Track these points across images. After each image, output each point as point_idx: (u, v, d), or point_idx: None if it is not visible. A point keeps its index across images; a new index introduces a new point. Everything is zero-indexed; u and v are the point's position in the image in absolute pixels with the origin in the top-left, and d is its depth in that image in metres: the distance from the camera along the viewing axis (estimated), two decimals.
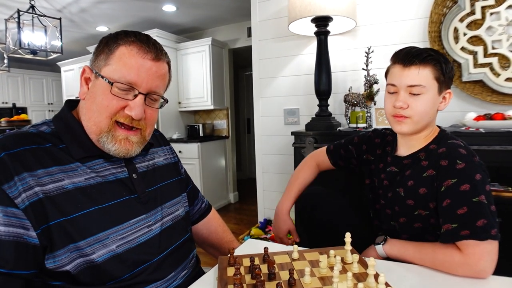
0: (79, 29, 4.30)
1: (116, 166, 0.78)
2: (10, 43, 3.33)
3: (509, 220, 1.49)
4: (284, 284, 0.72)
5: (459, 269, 0.79)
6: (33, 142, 0.68)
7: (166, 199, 0.88)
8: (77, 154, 0.72)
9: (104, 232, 0.70)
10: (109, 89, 0.71)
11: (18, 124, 4.25)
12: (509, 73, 1.82)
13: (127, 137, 0.75)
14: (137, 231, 0.76)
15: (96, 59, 0.75)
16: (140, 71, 0.72)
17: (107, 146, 0.74)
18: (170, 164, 0.97)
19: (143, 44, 0.74)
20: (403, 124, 0.95)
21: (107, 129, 0.73)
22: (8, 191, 0.61)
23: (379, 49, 2.16)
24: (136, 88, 0.73)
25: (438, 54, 0.93)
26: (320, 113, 2.13)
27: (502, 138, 1.56)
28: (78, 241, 0.67)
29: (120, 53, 0.72)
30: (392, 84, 0.96)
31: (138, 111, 0.73)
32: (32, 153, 0.66)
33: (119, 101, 0.72)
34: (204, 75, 4.13)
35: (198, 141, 3.97)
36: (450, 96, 0.97)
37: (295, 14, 1.97)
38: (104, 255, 0.69)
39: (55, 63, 5.41)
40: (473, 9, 1.86)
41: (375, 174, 1.11)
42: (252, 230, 2.73)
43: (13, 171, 0.63)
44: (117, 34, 0.76)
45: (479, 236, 0.79)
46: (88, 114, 0.74)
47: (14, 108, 5.76)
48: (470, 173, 0.84)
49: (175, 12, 3.80)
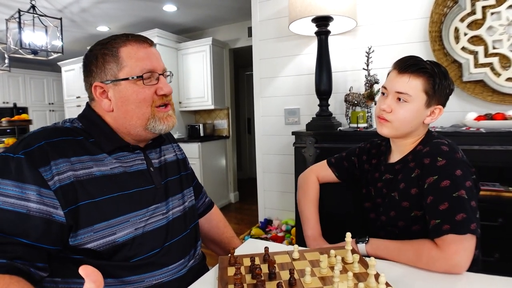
0: (79, 29, 4.30)
1: (137, 159, 0.87)
2: (11, 43, 3.33)
3: (510, 220, 1.49)
4: (284, 284, 0.72)
5: (436, 264, 0.81)
6: (68, 134, 0.79)
7: (176, 191, 0.95)
8: (106, 147, 0.82)
9: (125, 215, 0.79)
10: (140, 84, 0.81)
11: (19, 124, 4.25)
12: (509, 73, 1.81)
13: (168, 114, 0.87)
14: (153, 216, 0.84)
15: (104, 72, 0.81)
16: (150, 58, 0.83)
17: (158, 128, 0.84)
18: (179, 160, 1.04)
19: (136, 38, 0.83)
20: (384, 127, 1.00)
21: (151, 116, 0.83)
22: (43, 173, 0.70)
23: (380, 49, 2.16)
24: (155, 71, 0.83)
25: (437, 68, 0.94)
26: (320, 113, 2.13)
27: (503, 138, 1.56)
28: (101, 221, 0.75)
29: (126, 53, 0.81)
30: (385, 87, 1.00)
31: (168, 87, 0.86)
32: (68, 143, 0.77)
33: (150, 88, 0.82)
34: (205, 75, 4.13)
35: (198, 141, 3.98)
36: (440, 112, 0.98)
37: (296, 14, 1.97)
38: (124, 236, 0.77)
39: (55, 63, 5.41)
40: (474, 9, 1.86)
41: (371, 183, 1.14)
42: (253, 230, 2.73)
43: (50, 157, 0.72)
44: (104, 43, 0.83)
45: (459, 231, 0.81)
46: (128, 116, 0.83)
47: (15, 108, 5.77)
48: (450, 169, 0.87)
49: (175, 12, 3.80)
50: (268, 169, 2.71)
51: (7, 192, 0.67)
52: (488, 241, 1.12)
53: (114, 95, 0.81)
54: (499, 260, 1.49)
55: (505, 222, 1.48)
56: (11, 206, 0.67)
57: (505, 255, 1.49)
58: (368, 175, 1.17)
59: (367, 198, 1.16)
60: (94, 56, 0.82)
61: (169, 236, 0.87)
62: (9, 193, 0.68)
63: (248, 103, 5.85)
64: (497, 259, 1.49)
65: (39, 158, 0.70)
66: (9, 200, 0.67)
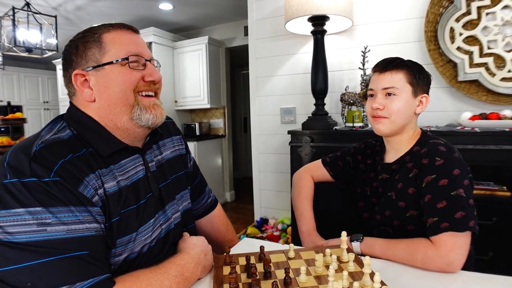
0: (74, 27, 4.27)
1: (137, 165, 0.81)
2: (5, 41, 3.30)
3: (504, 219, 1.50)
4: (279, 283, 0.72)
5: (431, 262, 0.82)
6: (73, 150, 0.69)
7: (172, 196, 0.90)
8: (104, 151, 0.74)
9: (135, 232, 0.75)
10: (125, 66, 0.74)
11: (13, 122, 4.21)
12: (504, 73, 1.83)
13: (154, 103, 0.80)
14: (157, 229, 0.82)
15: (84, 59, 0.75)
16: (136, 43, 0.78)
17: (144, 118, 0.77)
18: (178, 156, 0.98)
19: (120, 25, 0.78)
20: (381, 124, 1.03)
21: (135, 102, 0.76)
22: (84, 192, 0.65)
23: (376, 49, 2.16)
24: (142, 56, 0.77)
25: (412, 63, 1.03)
26: (316, 112, 2.13)
27: (497, 137, 1.57)
28: (122, 237, 0.72)
29: (110, 38, 0.75)
30: (371, 89, 1.06)
31: (157, 74, 0.80)
32: (79, 159, 0.69)
33: (137, 72, 0.76)
34: (201, 74, 4.12)
35: (194, 140, 3.96)
36: (427, 101, 1.04)
37: (292, 13, 1.97)
38: (134, 254, 0.75)
39: (50, 61, 5.37)
40: (469, 9, 1.87)
41: (367, 183, 1.15)
42: (249, 229, 2.73)
43: (79, 174, 0.66)
44: (85, 31, 0.77)
45: (458, 228, 0.83)
46: (112, 101, 0.75)
47: (9, 107, 5.71)
48: (448, 168, 0.90)
49: (171, 11, 3.79)
50: (264, 168, 2.71)
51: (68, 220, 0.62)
52: (482, 240, 1.13)
53: (97, 81, 0.74)
54: (493, 258, 1.50)
55: (499, 221, 1.49)
56: None
57: (499, 254, 1.50)
58: (363, 175, 1.18)
59: (362, 198, 1.17)
60: (74, 45, 0.75)
61: (167, 245, 0.85)
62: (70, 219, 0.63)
63: (244, 102, 5.84)
64: (491, 257, 1.50)
65: (70, 178, 0.64)
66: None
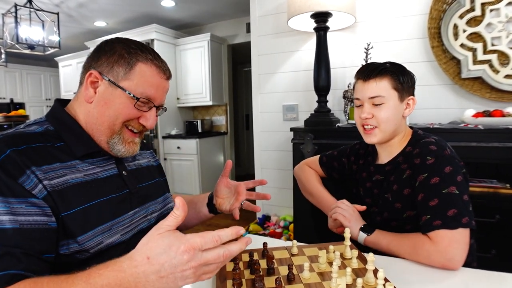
0: (77, 24, 4.27)
1: (108, 164, 0.83)
2: (7, 38, 3.31)
3: (507, 216, 1.50)
4: (283, 279, 0.72)
5: (432, 257, 0.82)
6: (35, 141, 0.72)
7: (157, 195, 0.94)
8: (79, 151, 0.77)
9: (109, 223, 0.76)
10: (132, 103, 0.78)
11: (16, 119, 4.23)
12: (508, 70, 1.82)
13: (133, 140, 0.83)
14: (133, 222, 0.82)
15: (110, 68, 0.78)
16: (158, 88, 0.81)
17: (117, 147, 0.81)
18: (152, 166, 1.02)
19: (160, 64, 0.81)
20: (372, 136, 1.03)
21: (118, 132, 0.80)
22: (24, 183, 0.65)
23: (379, 45, 2.16)
24: (153, 102, 0.81)
25: (394, 67, 1.01)
26: (319, 109, 2.13)
27: (501, 135, 1.56)
28: (85, 233, 0.71)
29: (141, 70, 0.78)
30: (357, 98, 1.04)
31: (152, 122, 0.83)
32: (35, 151, 0.70)
33: (137, 112, 0.80)
34: (203, 71, 4.12)
35: (196, 137, 3.97)
36: (414, 102, 1.03)
37: (295, 9, 1.96)
38: (111, 243, 0.75)
39: (52, 59, 5.38)
40: (473, 5, 1.86)
41: (360, 183, 1.16)
42: (251, 226, 2.74)
43: (23, 165, 0.66)
44: (129, 46, 0.79)
45: (450, 225, 0.83)
46: (101, 118, 0.78)
47: (12, 104, 5.74)
48: (439, 166, 0.91)
49: (173, 7, 3.78)
50: (266, 165, 2.71)
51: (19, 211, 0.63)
52: (485, 237, 1.13)
53: (103, 93, 0.77)
54: (496, 256, 1.50)
55: (502, 219, 1.49)
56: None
57: (502, 251, 1.50)
58: (356, 175, 1.20)
59: (357, 198, 1.18)
60: (113, 50, 0.78)
61: None
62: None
63: (247, 99, 5.83)
64: (494, 255, 1.50)
65: (12, 168, 0.65)
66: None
